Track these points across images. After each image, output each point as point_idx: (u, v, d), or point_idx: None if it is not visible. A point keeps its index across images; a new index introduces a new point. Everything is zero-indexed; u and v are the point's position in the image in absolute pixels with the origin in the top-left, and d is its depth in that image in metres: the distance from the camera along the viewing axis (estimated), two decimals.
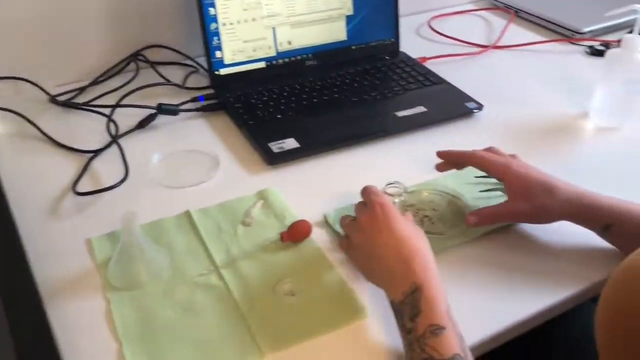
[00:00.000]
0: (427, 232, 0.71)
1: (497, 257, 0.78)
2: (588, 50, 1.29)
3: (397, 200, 0.78)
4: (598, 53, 1.27)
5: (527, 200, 0.75)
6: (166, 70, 1.19)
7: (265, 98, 1.08)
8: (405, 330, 0.62)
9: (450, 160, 0.84)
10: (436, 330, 0.59)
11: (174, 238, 0.80)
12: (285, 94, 1.10)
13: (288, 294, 0.71)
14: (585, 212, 0.74)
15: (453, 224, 0.82)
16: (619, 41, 0.98)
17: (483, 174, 0.89)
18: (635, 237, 0.71)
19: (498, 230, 0.81)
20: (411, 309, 0.62)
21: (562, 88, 1.16)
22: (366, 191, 0.75)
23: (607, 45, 1.29)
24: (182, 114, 1.06)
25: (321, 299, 0.71)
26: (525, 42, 1.32)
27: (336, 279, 0.74)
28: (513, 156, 0.80)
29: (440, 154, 0.84)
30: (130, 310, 0.70)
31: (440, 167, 0.85)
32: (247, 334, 0.67)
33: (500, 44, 1.32)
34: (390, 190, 0.79)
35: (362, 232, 0.71)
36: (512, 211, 0.77)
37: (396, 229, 0.68)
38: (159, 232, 0.81)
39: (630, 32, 1.01)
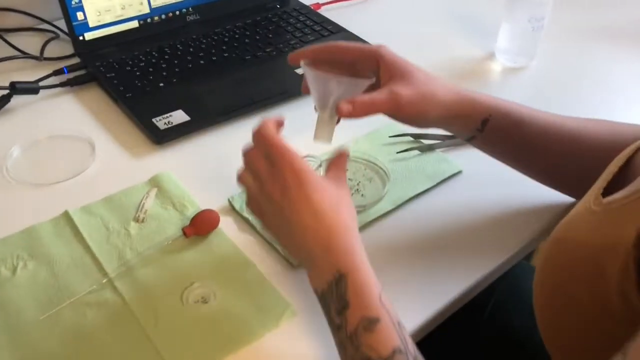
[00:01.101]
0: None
1: (422, 228, 0.71)
2: None
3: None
4: None
5: (408, 84, 0.62)
6: (18, 39, 1.00)
7: (142, 64, 0.93)
8: (335, 326, 0.53)
9: (310, 57, 0.65)
10: (369, 324, 0.51)
11: (53, 248, 0.66)
12: (166, 57, 0.95)
13: (199, 302, 0.61)
14: (465, 106, 0.65)
15: (373, 193, 0.74)
16: None
17: (398, 132, 0.82)
18: (511, 130, 0.66)
19: (419, 197, 0.75)
20: (338, 300, 0.52)
21: (465, 28, 1.10)
22: (265, 144, 0.58)
23: None
24: (43, 92, 0.89)
25: (239, 303, 0.61)
26: None
27: (254, 275, 0.64)
28: None
29: (292, 58, 0.66)
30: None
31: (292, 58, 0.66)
32: (155, 357, 0.56)
33: None
34: None
35: (273, 203, 0.57)
36: (392, 97, 0.62)
37: (313, 202, 0.56)
38: (33, 243, 0.67)
39: None
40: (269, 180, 0.57)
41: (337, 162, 0.62)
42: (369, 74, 0.64)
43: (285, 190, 0.56)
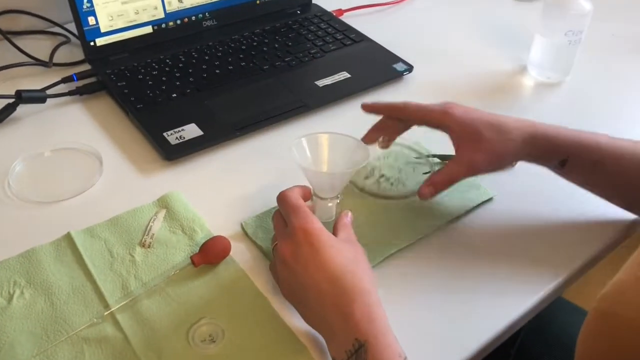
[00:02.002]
0: (385, 197, 0.64)
1: (447, 261, 0.66)
2: None
3: (331, 204, 0.63)
4: None
5: (480, 148, 0.64)
6: (27, 42, 0.96)
7: (155, 72, 0.89)
8: None
9: (380, 113, 0.69)
10: None
11: (53, 274, 0.62)
12: (180, 65, 0.91)
13: (206, 341, 0.56)
14: (541, 149, 0.65)
15: (416, 183, 0.69)
16: None
17: (423, 153, 0.77)
18: (592, 167, 0.65)
19: (445, 226, 0.69)
20: None
21: (495, 39, 1.04)
22: (284, 205, 0.58)
23: None
24: (50, 100, 0.84)
25: (249, 344, 0.56)
26: None
27: (266, 312, 0.59)
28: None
29: (366, 107, 0.69)
30: None
31: (368, 137, 0.70)
32: None
33: None
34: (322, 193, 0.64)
35: (285, 265, 0.55)
36: (466, 165, 0.65)
37: (328, 264, 0.53)
38: (31, 268, 0.62)
39: None
40: (282, 241, 0.56)
41: (344, 222, 0.60)
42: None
43: (298, 250, 0.54)
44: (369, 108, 0.69)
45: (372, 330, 0.50)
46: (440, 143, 0.70)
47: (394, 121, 0.69)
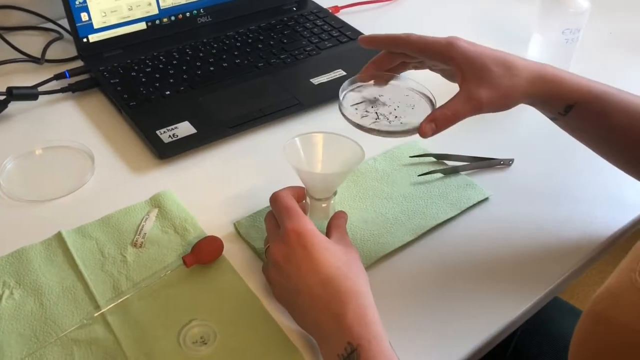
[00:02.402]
0: (388, 133, 0.59)
1: (443, 261, 0.65)
2: None
3: (325, 204, 0.63)
4: None
5: (487, 84, 0.59)
6: (20, 39, 0.95)
7: (149, 69, 0.88)
8: None
9: (380, 46, 0.65)
10: None
11: (43, 274, 0.61)
12: (174, 61, 0.90)
13: (198, 342, 0.55)
14: (548, 91, 0.61)
15: (413, 122, 0.61)
16: None
17: (418, 152, 0.76)
18: (597, 116, 0.61)
19: (441, 226, 0.68)
20: None
21: (492, 36, 1.03)
22: (276, 206, 0.58)
23: None
24: (42, 97, 0.83)
25: (240, 346, 0.55)
26: None
27: (258, 313, 0.58)
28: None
29: (364, 40, 0.64)
30: None
31: (365, 73, 0.65)
32: None
33: None
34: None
35: (277, 268, 0.55)
36: (472, 104, 0.59)
37: (320, 267, 0.52)
38: (21, 268, 0.61)
39: None
40: (274, 243, 0.55)
41: (337, 223, 0.59)
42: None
43: (290, 252, 0.53)
44: (366, 40, 0.64)
45: (365, 333, 0.49)
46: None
47: (394, 56, 0.64)
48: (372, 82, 0.66)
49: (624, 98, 0.61)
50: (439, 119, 0.59)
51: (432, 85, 0.66)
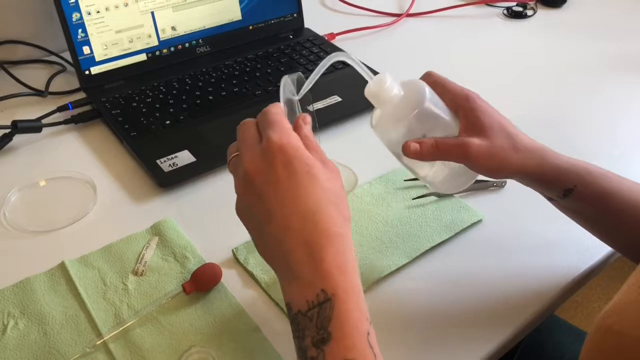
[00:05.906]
0: None
1: (437, 284, 0.66)
2: (505, 12, 1.19)
3: None
4: (516, 15, 1.17)
5: (485, 137, 0.58)
6: (24, 72, 0.98)
7: (149, 100, 0.90)
8: (305, 356, 0.44)
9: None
10: None
11: (47, 304, 0.63)
12: (174, 91, 0.92)
13: None
14: (547, 173, 0.60)
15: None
16: (535, 1, 0.88)
17: (412, 176, 0.78)
18: (596, 199, 0.60)
19: (435, 248, 0.70)
20: (317, 330, 0.43)
21: (489, 59, 1.05)
22: (262, 117, 0.50)
23: (524, 5, 1.19)
24: (46, 129, 0.86)
25: None
26: (440, 7, 1.19)
27: (257, 340, 0.59)
28: None
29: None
30: None
31: None
32: None
33: (413, 11, 1.19)
34: None
35: (249, 185, 0.47)
36: (460, 145, 0.57)
37: (302, 196, 0.45)
38: (26, 298, 0.63)
39: None
40: (249, 153, 0.48)
41: (305, 134, 0.51)
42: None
43: (269, 170, 0.46)
44: None
45: (342, 282, 0.44)
46: None
47: None
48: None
49: (623, 182, 0.61)
50: (424, 144, 0.57)
51: None
